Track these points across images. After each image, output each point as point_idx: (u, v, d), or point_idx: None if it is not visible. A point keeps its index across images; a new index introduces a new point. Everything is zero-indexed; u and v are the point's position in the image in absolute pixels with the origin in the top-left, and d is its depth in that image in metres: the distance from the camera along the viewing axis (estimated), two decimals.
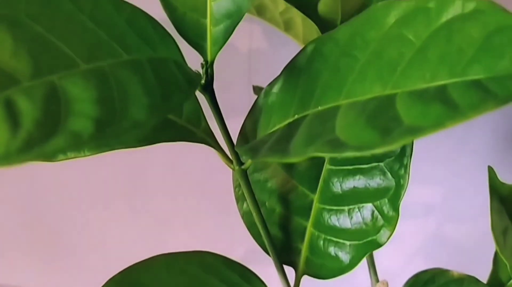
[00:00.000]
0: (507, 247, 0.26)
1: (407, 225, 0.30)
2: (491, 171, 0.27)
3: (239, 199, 0.32)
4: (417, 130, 0.16)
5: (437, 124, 0.16)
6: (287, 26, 0.34)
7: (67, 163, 0.24)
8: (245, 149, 0.22)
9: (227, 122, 0.27)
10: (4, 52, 0.16)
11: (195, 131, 0.27)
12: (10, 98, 0.15)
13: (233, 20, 0.23)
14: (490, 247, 0.33)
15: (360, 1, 0.32)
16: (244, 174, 0.28)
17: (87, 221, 0.51)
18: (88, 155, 0.23)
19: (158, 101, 0.17)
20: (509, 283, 0.32)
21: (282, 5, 0.32)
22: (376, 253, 0.31)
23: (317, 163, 0.30)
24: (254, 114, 0.30)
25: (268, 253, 0.31)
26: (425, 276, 0.34)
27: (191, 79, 0.20)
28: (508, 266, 0.26)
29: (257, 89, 0.42)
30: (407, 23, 0.20)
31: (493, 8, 0.18)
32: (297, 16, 0.32)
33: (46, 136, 0.15)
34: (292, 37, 0.35)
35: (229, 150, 0.27)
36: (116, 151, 0.24)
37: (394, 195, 0.27)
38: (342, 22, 0.33)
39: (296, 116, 0.23)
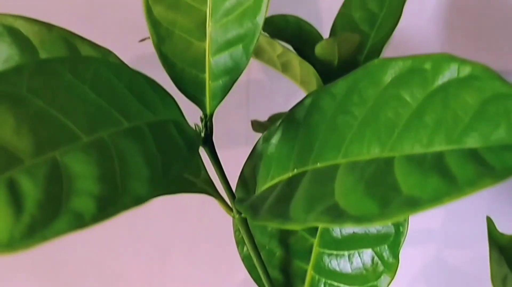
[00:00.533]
0: None
1: (408, 250, 0.30)
2: (489, 221, 0.28)
3: (239, 243, 0.32)
4: (415, 204, 0.16)
5: (435, 199, 0.16)
6: (285, 68, 0.34)
7: None
8: (245, 207, 0.23)
9: (225, 153, 0.27)
10: (6, 131, 0.16)
11: (195, 182, 0.27)
12: (13, 179, 0.16)
13: (231, 76, 0.24)
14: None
15: (356, 44, 0.33)
16: (244, 222, 0.28)
17: (87, 249, 0.51)
18: None
19: (159, 173, 0.18)
20: None
21: (280, 49, 0.32)
22: None
23: None
24: (253, 160, 0.30)
25: None
26: None
27: (191, 142, 0.21)
28: None
29: (255, 125, 0.42)
30: (404, 83, 0.21)
31: (489, 74, 0.18)
32: (294, 59, 0.32)
33: (49, 219, 0.15)
34: (290, 77, 0.35)
35: (228, 198, 0.27)
36: None
37: (394, 242, 0.28)
38: (339, 64, 0.34)
39: (296, 171, 0.23)
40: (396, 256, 0.28)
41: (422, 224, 0.57)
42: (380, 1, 0.37)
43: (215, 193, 0.27)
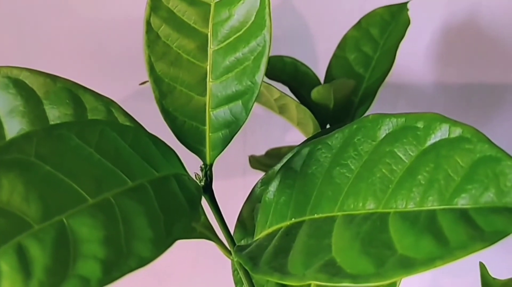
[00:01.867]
0: None
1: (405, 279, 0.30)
2: (482, 267, 0.28)
3: (237, 283, 0.32)
4: (410, 265, 0.17)
5: (429, 261, 0.17)
6: (282, 110, 0.35)
7: None
8: (244, 259, 0.23)
9: (223, 186, 0.27)
10: (16, 197, 0.17)
11: (195, 227, 0.28)
12: (21, 244, 0.16)
13: (231, 129, 0.24)
14: None
15: (351, 88, 0.33)
16: (243, 266, 0.28)
17: None
18: None
19: (162, 233, 0.18)
20: None
21: (277, 93, 0.33)
22: None
23: None
24: (251, 203, 0.31)
25: None
26: None
27: (193, 197, 0.21)
28: None
29: (253, 161, 0.43)
30: (397, 140, 0.22)
31: (478, 136, 0.19)
32: (291, 103, 0.33)
33: (56, 284, 0.16)
34: (287, 119, 0.36)
35: (227, 241, 0.28)
36: None
37: None
38: (334, 107, 0.34)
39: (293, 220, 0.24)
40: None
41: None
42: (374, 44, 0.38)
43: (214, 238, 0.28)
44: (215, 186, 0.26)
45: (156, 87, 0.24)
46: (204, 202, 0.28)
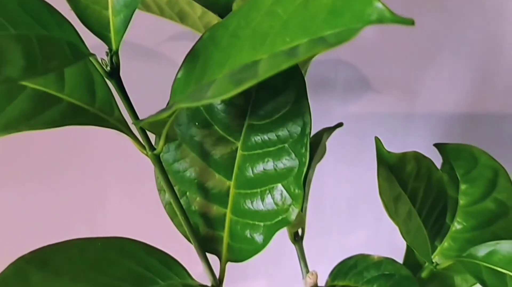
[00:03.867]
0: (398, 214, 0.28)
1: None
2: (377, 141, 0.29)
3: (161, 190, 0.33)
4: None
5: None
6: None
7: None
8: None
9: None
10: None
11: (108, 119, 0.28)
12: None
13: (131, 9, 0.25)
14: None
15: None
16: (158, 159, 0.29)
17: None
18: None
19: (36, 64, 0.19)
20: (426, 265, 0.33)
21: (199, 10, 0.34)
22: None
23: (231, 150, 0.31)
24: None
25: (191, 242, 0.32)
26: (350, 262, 0.35)
27: (79, 53, 0.22)
28: (399, 230, 0.27)
29: None
30: (280, 1, 0.23)
31: None
32: (215, 19, 0.34)
33: None
34: None
35: (140, 136, 0.29)
36: None
37: (298, 173, 0.29)
38: None
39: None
40: (300, 186, 0.29)
41: None
42: None
43: (128, 131, 0.29)
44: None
45: None
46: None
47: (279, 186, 0.30)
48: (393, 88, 0.52)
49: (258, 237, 0.31)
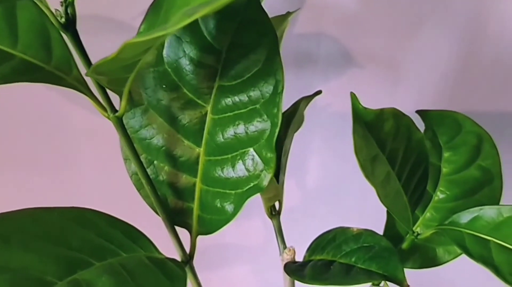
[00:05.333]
0: (375, 175, 0.26)
1: None
2: (353, 96, 0.27)
3: (127, 159, 0.31)
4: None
5: None
6: None
7: None
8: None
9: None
10: None
11: (65, 78, 0.26)
12: None
13: None
14: None
15: None
16: (120, 123, 0.27)
17: None
18: None
19: None
20: (407, 236, 0.32)
21: None
22: None
23: (201, 115, 0.29)
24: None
25: (158, 215, 0.31)
26: (329, 235, 0.33)
27: None
28: (376, 193, 0.26)
29: None
30: None
31: None
32: None
33: None
34: None
35: (101, 97, 0.27)
36: None
37: (270, 136, 0.27)
38: None
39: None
40: (272, 150, 0.27)
41: None
42: None
43: (87, 91, 0.27)
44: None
45: None
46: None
47: (251, 150, 0.28)
48: (376, 63, 0.50)
49: (229, 207, 0.29)
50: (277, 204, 0.37)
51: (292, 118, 0.34)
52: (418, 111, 0.34)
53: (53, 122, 0.53)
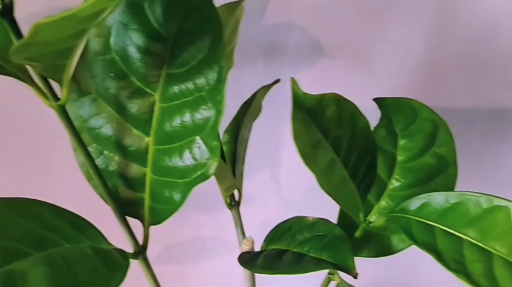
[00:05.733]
0: (316, 162, 0.25)
1: None
2: (293, 82, 0.27)
3: (76, 149, 0.30)
4: None
5: None
6: None
7: None
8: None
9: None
10: None
11: (4, 66, 0.26)
12: None
13: None
14: None
15: None
16: (63, 111, 0.27)
17: None
18: None
19: None
20: (362, 226, 0.31)
21: None
22: None
23: (149, 103, 0.29)
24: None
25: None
26: (285, 225, 0.33)
27: None
28: (317, 180, 0.25)
29: None
30: None
31: None
32: None
33: None
34: None
35: (42, 85, 0.26)
36: None
37: (214, 124, 0.27)
38: None
39: None
40: (216, 138, 0.27)
41: None
42: None
43: (28, 79, 0.26)
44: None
45: None
46: None
47: (197, 138, 0.28)
48: (347, 52, 0.49)
49: (176, 196, 0.28)
50: (237, 195, 0.37)
51: (248, 107, 0.34)
52: (374, 99, 0.33)
53: (23, 116, 0.52)
